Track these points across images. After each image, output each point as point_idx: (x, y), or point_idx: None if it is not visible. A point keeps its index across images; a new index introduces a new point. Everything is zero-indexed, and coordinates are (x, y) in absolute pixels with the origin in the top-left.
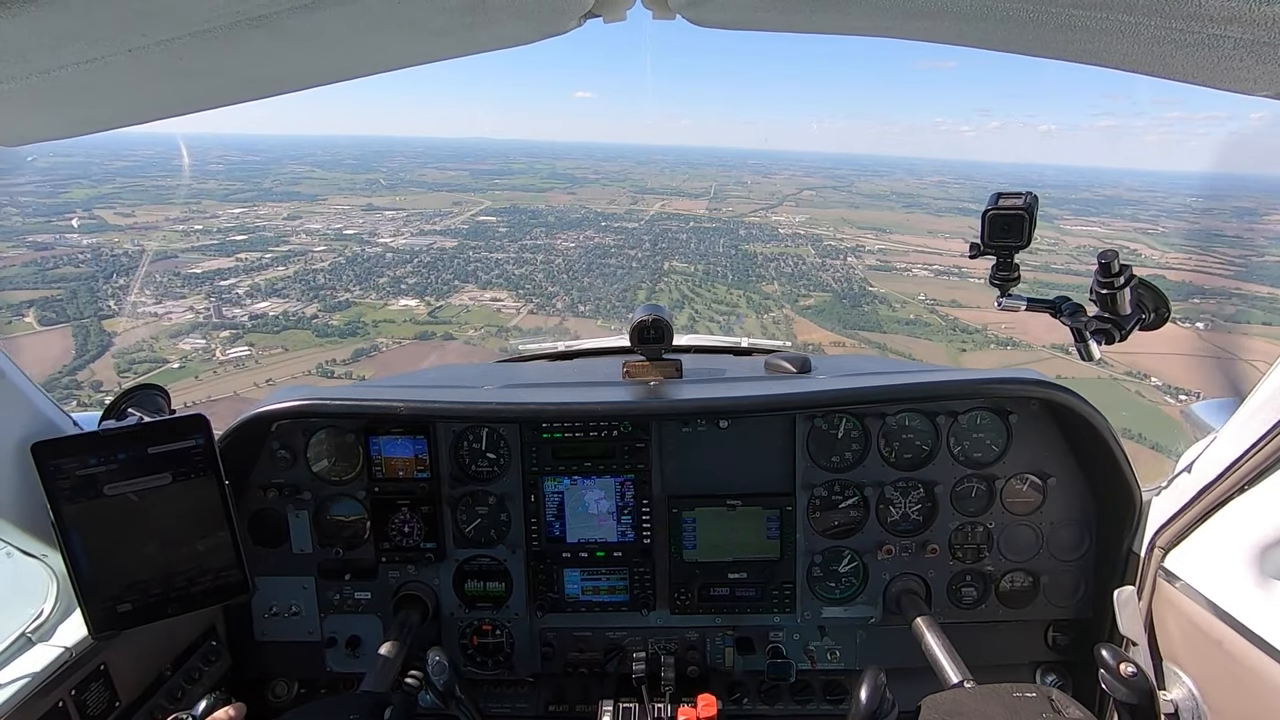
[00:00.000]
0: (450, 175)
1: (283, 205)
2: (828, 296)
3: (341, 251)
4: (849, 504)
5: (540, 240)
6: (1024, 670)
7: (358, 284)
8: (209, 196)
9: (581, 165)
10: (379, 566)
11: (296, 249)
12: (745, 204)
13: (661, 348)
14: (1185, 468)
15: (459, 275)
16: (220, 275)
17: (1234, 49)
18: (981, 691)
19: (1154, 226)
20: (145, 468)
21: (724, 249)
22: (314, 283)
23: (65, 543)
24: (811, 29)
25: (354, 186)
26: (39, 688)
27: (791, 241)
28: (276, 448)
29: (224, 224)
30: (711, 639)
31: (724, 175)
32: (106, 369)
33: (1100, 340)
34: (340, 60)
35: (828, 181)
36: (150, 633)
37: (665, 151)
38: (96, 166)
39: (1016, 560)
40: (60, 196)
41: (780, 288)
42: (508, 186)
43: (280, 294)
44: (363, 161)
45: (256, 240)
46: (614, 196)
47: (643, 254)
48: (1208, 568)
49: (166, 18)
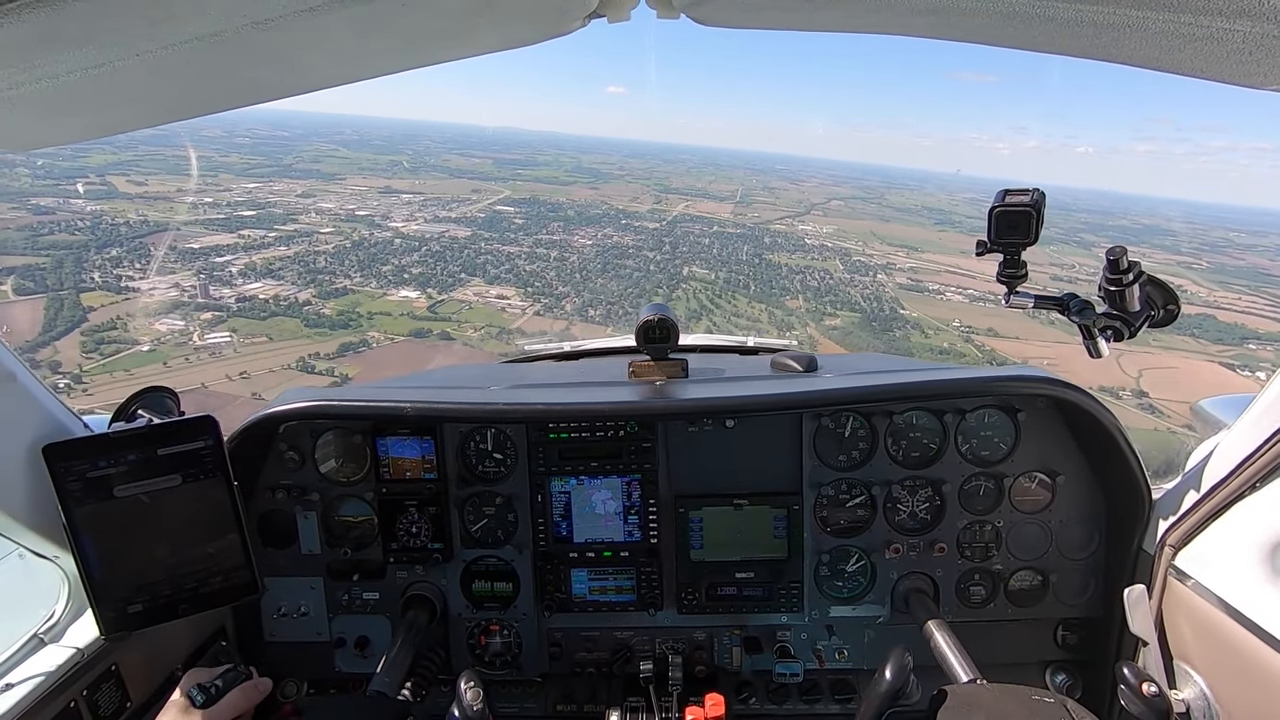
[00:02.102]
0: (474, 162)
1: (299, 183)
2: (856, 317)
3: (349, 235)
4: (856, 503)
5: (557, 235)
6: (1033, 669)
7: (359, 270)
8: (228, 170)
9: (608, 160)
10: (387, 567)
11: (303, 229)
12: (772, 210)
13: (667, 347)
14: (1196, 465)
15: (467, 268)
16: (217, 251)
17: (1243, 43)
18: (999, 690)
19: (1197, 261)
20: (155, 469)
21: (747, 256)
22: (313, 265)
23: (76, 544)
24: (816, 27)
25: (375, 168)
26: (51, 688)
27: (818, 253)
28: (285, 449)
29: (235, 198)
30: (719, 638)
31: (752, 179)
32: (71, 347)
33: (1109, 337)
34: (347, 63)
35: (857, 192)
36: (161, 633)
37: (693, 151)
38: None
39: (1025, 559)
40: (79, 160)
41: (805, 303)
42: (531, 178)
43: (276, 275)
44: (389, 143)
45: (264, 217)
46: (637, 194)
47: (662, 256)
48: (1219, 566)
49: (174, 22)
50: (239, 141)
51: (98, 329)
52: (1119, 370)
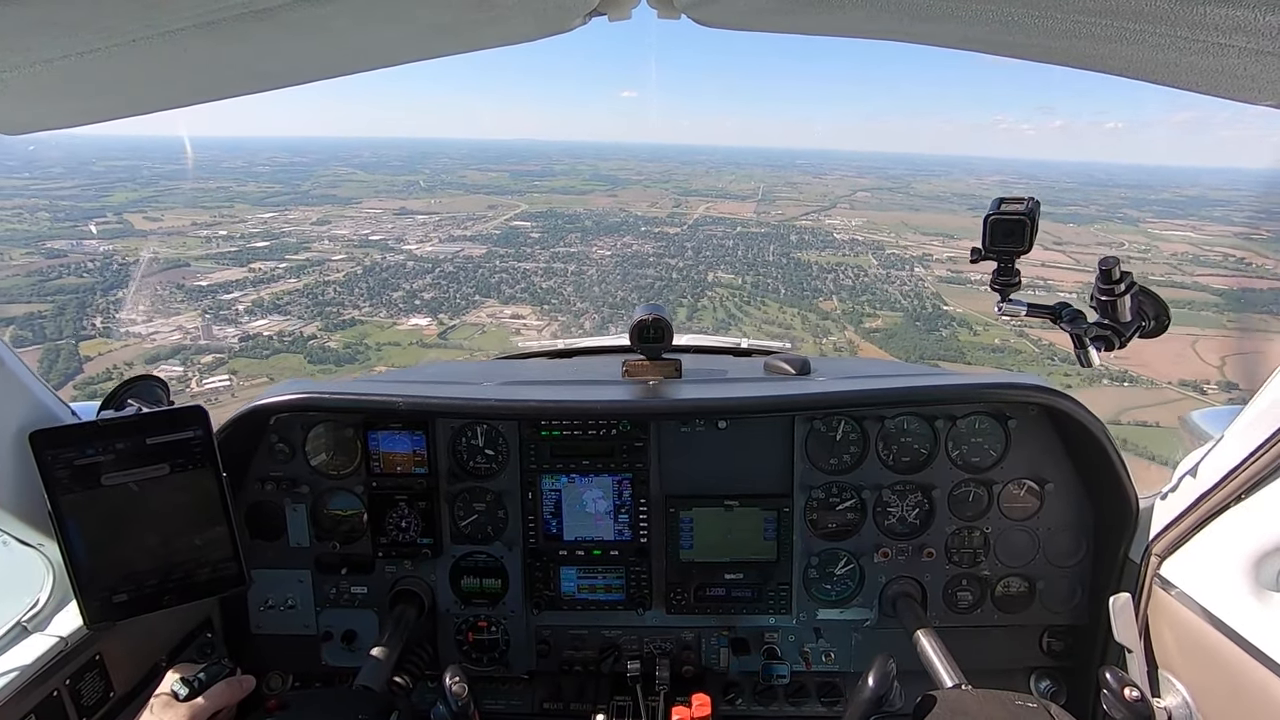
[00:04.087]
0: (491, 177)
1: (314, 209)
2: (898, 317)
3: (360, 260)
4: (846, 506)
5: (575, 247)
6: (1018, 675)
7: (369, 299)
8: (244, 200)
9: (625, 166)
10: (376, 561)
11: (315, 258)
12: (796, 206)
13: (661, 347)
14: (1183, 475)
15: (480, 288)
16: (225, 288)
17: (1239, 57)
18: (983, 695)
19: (1255, 231)
20: (143, 458)
21: (774, 257)
22: (322, 297)
23: (62, 532)
24: (817, 31)
25: (391, 189)
26: (34, 677)
27: (849, 249)
28: (275, 441)
29: (250, 229)
30: (707, 639)
31: (772, 176)
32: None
33: (1100, 347)
34: (344, 54)
35: (883, 182)
36: (146, 624)
37: (711, 151)
38: (147, 169)
39: (1013, 565)
40: (101, 200)
41: (841, 304)
42: (547, 189)
43: (283, 310)
44: (407, 163)
45: (277, 248)
46: (656, 199)
47: (684, 263)
48: (1204, 576)
49: (170, 9)
50: (258, 170)
51: (92, 380)
52: (1197, 359)
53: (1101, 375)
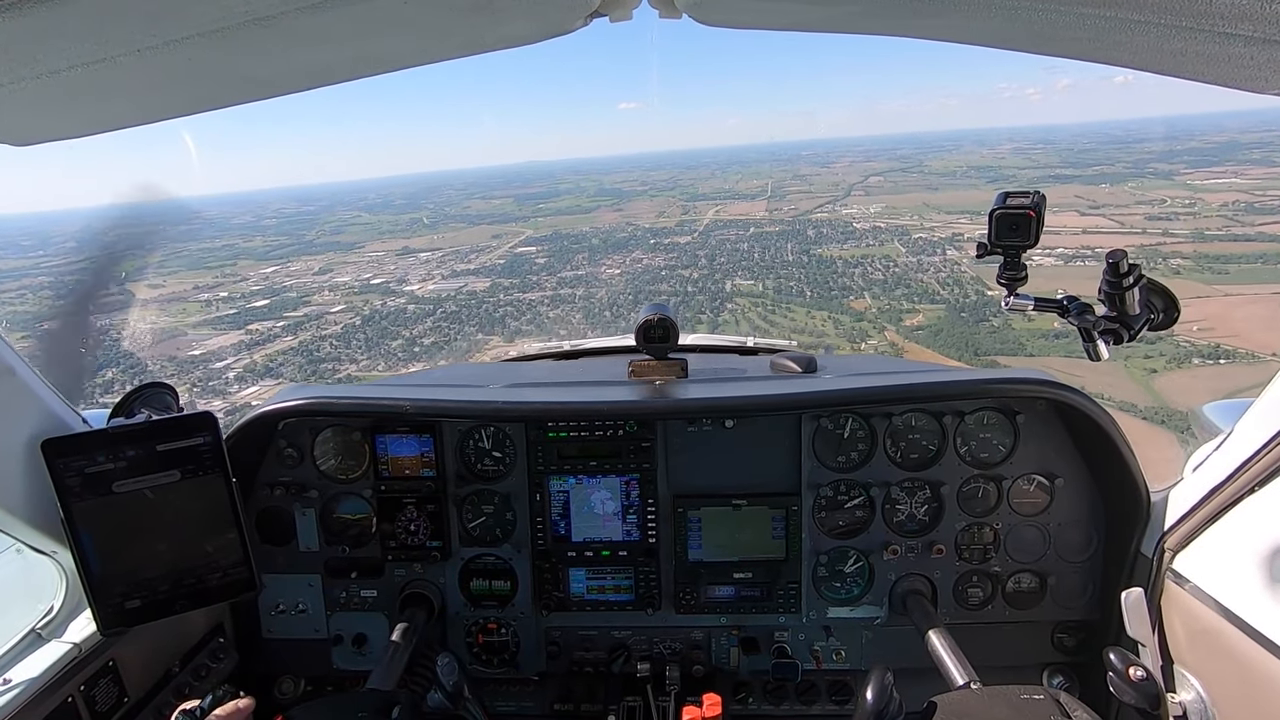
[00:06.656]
0: (495, 204)
1: (317, 258)
2: (940, 310)
3: (359, 310)
4: (855, 504)
5: (582, 270)
6: (1031, 672)
7: (366, 351)
8: (249, 255)
9: (629, 178)
10: (385, 565)
11: (313, 312)
12: (808, 199)
13: (667, 347)
14: (1194, 469)
15: (484, 325)
16: (218, 356)
17: (1245, 46)
18: (989, 693)
19: None
20: (154, 465)
21: (793, 256)
22: (317, 354)
23: (75, 540)
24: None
25: (395, 229)
26: (48, 684)
27: (873, 238)
28: (283, 446)
29: (251, 287)
30: (716, 639)
31: (780, 170)
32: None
33: (1109, 340)
34: (347, 60)
35: (894, 164)
36: (158, 630)
37: (714, 153)
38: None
39: (1023, 561)
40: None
41: (874, 302)
42: (552, 211)
43: (275, 373)
44: (411, 200)
45: (276, 305)
46: (663, 208)
47: (699, 273)
48: (1217, 570)
49: (175, 18)
50: (265, 224)
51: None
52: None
53: (1190, 354)
